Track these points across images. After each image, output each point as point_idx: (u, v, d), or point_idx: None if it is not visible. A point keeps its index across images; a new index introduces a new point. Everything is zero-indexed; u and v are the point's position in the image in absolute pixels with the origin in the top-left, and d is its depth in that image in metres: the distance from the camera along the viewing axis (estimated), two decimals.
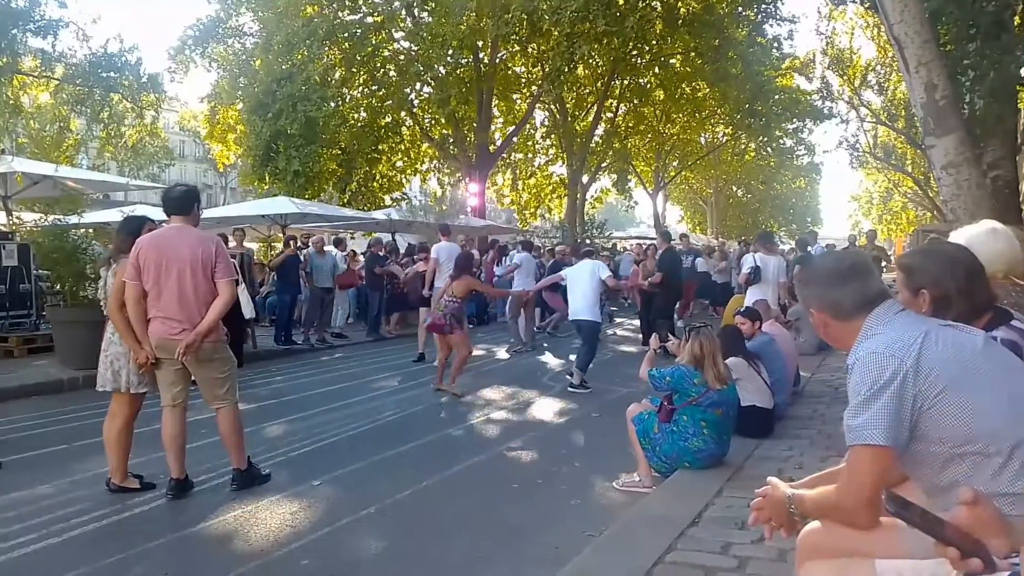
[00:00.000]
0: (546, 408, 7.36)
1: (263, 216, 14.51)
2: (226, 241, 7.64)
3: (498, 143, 23.74)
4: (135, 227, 4.64)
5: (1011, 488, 1.64)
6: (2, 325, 9.29)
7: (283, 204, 14.38)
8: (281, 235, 15.08)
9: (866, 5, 12.44)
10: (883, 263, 13.16)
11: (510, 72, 23.45)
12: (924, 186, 28.10)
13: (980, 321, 2.16)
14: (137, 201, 16.77)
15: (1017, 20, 8.47)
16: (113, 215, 13.79)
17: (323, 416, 6.74)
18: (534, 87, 23.17)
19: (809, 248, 12.38)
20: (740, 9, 20.36)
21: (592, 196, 30.03)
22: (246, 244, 11.65)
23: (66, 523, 4.04)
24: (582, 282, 8.21)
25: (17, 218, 12.68)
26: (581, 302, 8.19)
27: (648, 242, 24.41)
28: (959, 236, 3.61)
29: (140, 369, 4.44)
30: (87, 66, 11.35)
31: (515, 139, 24.74)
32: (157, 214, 6.60)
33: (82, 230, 10.25)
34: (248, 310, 6.77)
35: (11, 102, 13.89)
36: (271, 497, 4.50)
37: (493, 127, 23.79)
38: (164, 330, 4.33)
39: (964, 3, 7.90)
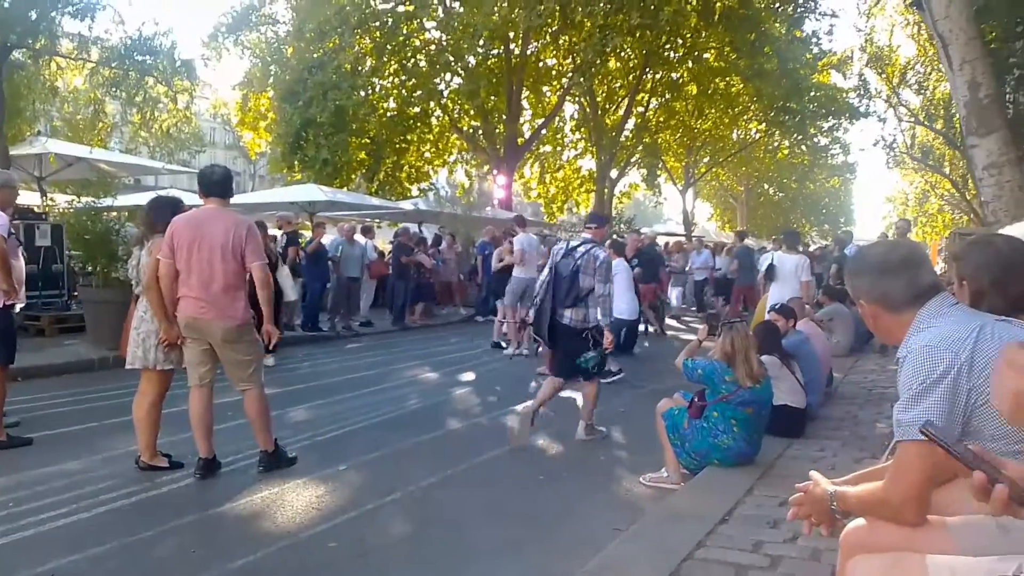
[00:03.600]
0: (571, 401, 7.30)
1: (291, 203, 14.59)
2: (264, 228, 7.71)
3: (527, 135, 23.65)
4: (170, 206, 4.67)
5: None
6: (34, 304, 9.44)
7: (311, 192, 14.45)
8: (309, 223, 15.19)
9: (908, 2, 12.14)
10: None
11: (540, 64, 23.33)
12: (962, 188, 27.49)
13: None
14: (168, 186, 16.99)
15: None
16: (145, 199, 13.98)
17: (349, 402, 6.76)
18: (564, 79, 23.02)
19: (845, 248, 12.16)
20: (777, 4, 20.04)
21: (620, 191, 29.82)
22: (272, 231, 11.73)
23: (95, 499, 4.08)
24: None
25: (50, 199, 12.92)
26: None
27: (676, 238, 24.22)
28: (1010, 232, 3.49)
29: (167, 347, 4.47)
30: (122, 49, 11.45)
31: (544, 132, 24.62)
32: (188, 199, 6.70)
33: (114, 212, 10.40)
34: (292, 293, 6.79)
35: (48, 84, 14.11)
36: (298, 480, 4.51)
37: (522, 119, 23.70)
38: (192, 310, 4.36)
39: (1012, 1, 7.68)
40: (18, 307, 5.31)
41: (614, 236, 11.98)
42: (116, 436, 5.22)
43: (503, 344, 10.39)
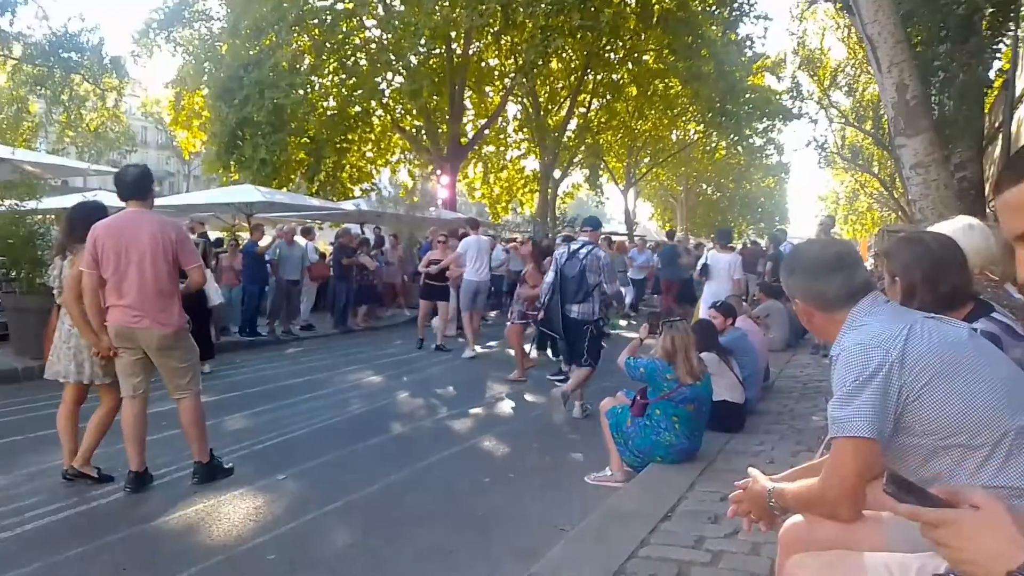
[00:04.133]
0: (517, 402, 7.31)
1: (228, 204, 14.20)
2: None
3: (470, 135, 23.58)
4: (90, 214, 4.45)
5: (994, 481, 1.62)
6: None
7: (249, 192, 14.06)
8: (246, 224, 14.78)
9: (838, 6, 12.57)
10: None
11: (483, 64, 23.27)
12: (890, 187, 28.59)
13: (959, 312, 2.15)
14: (97, 187, 16.30)
15: (985, 24, 8.61)
16: (72, 201, 13.38)
17: (288, 409, 6.60)
18: (507, 80, 23.03)
19: (780, 245, 12.52)
20: (714, 7, 20.46)
21: (564, 191, 30.01)
22: (211, 234, 11.40)
23: (20, 516, 3.88)
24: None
25: None
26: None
27: (619, 238, 24.52)
28: (938, 230, 3.61)
29: (102, 360, 4.29)
30: (47, 46, 10.90)
31: (487, 132, 24.57)
32: (118, 201, 6.37)
33: (40, 216, 9.91)
34: (216, 297, 6.61)
35: None
36: (234, 491, 4.37)
37: (465, 119, 23.60)
38: (124, 319, 4.18)
39: (935, 5, 8.00)
40: None
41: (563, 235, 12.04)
42: (42, 449, 4.98)
43: (446, 346, 10.35)
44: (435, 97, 20.88)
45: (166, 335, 4.22)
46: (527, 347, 8.45)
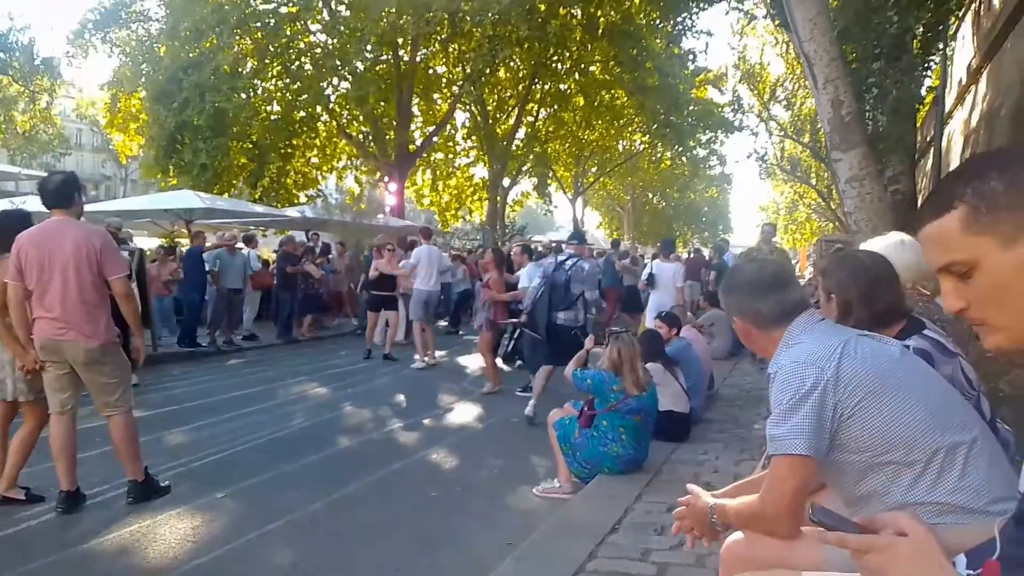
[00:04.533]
0: (466, 413, 7.26)
1: (166, 211, 13.78)
2: (117, 238, 7.19)
3: (418, 142, 23.45)
4: (14, 223, 4.26)
5: (928, 497, 1.66)
6: None
7: (188, 199, 13.67)
8: (185, 231, 14.35)
9: (776, 23, 12.93)
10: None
11: (431, 71, 23.19)
12: (827, 198, 29.55)
13: (892, 329, 2.21)
14: (29, 192, 15.63)
15: (917, 43, 8.97)
16: (2, 206, 12.82)
17: (229, 423, 6.41)
18: (455, 87, 23.00)
19: (724, 255, 12.82)
20: (658, 20, 20.85)
21: (513, 199, 30.10)
22: (149, 240, 11.06)
23: None
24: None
25: None
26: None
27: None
28: (871, 246, 3.72)
29: (27, 375, 4.10)
30: None
31: (435, 139, 24.48)
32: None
33: None
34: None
35: None
36: (171, 511, 4.22)
37: (413, 126, 23.47)
38: (50, 331, 4.01)
39: (869, 24, 8.29)
40: None
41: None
42: None
43: (394, 355, 10.23)
44: (382, 103, 20.72)
45: (92, 348, 4.05)
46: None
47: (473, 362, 10.52)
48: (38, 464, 4.47)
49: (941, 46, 9.67)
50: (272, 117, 20.77)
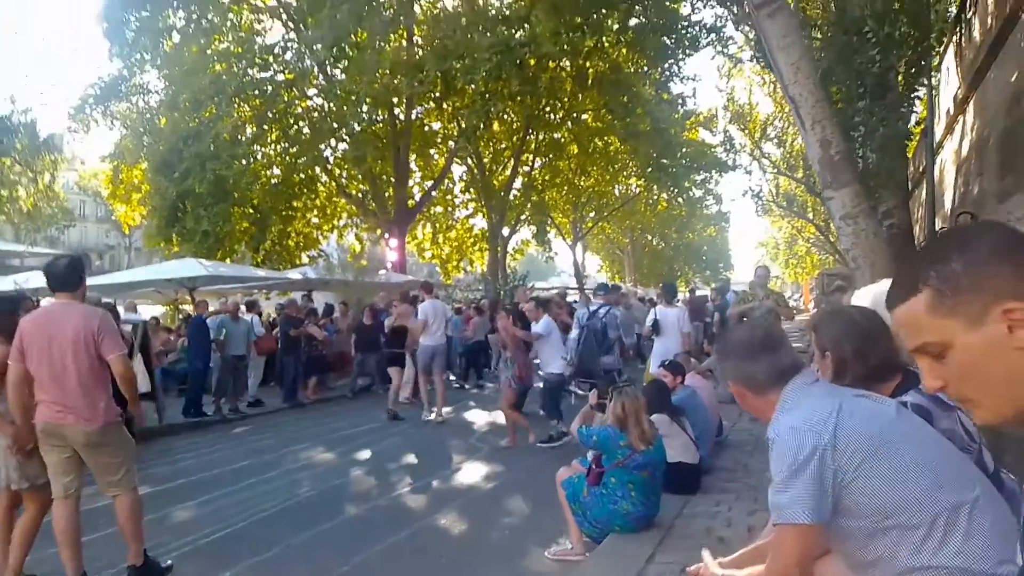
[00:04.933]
0: (474, 472, 7.18)
1: (169, 280, 13.89)
2: (116, 316, 7.21)
3: (417, 198, 23.72)
4: (10, 307, 4.30)
5: (934, 561, 1.64)
6: None
7: (191, 267, 13.80)
8: (189, 298, 14.43)
9: (762, 64, 13.19)
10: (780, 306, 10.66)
11: (426, 128, 23.60)
12: (825, 231, 29.67)
13: (888, 384, 2.21)
14: (35, 267, 15.76)
15: (900, 79, 9.13)
16: (7, 284, 12.93)
17: (236, 496, 6.33)
18: (451, 142, 23.37)
19: (725, 295, 12.81)
20: (646, 68, 21.26)
21: (513, 248, 30.29)
22: (154, 309, 11.14)
23: None
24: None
25: None
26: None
27: (571, 291, 24.75)
28: (864, 295, 3.72)
29: (21, 458, 4.06)
30: None
31: (434, 193, 24.78)
32: None
33: None
34: (143, 382, 6.38)
35: None
36: None
37: (411, 182, 23.77)
38: (50, 414, 4.01)
39: (852, 65, 8.46)
40: None
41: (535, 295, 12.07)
42: None
43: (401, 415, 10.17)
44: (379, 162, 21.02)
45: (92, 431, 4.04)
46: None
47: (480, 417, 10.45)
48: (43, 550, 4.41)
49: (925, 81, 9.83)
50: (272, 181, 21.06)
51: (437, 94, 19.36)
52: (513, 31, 17.89)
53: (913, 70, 9.49)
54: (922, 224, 12.81)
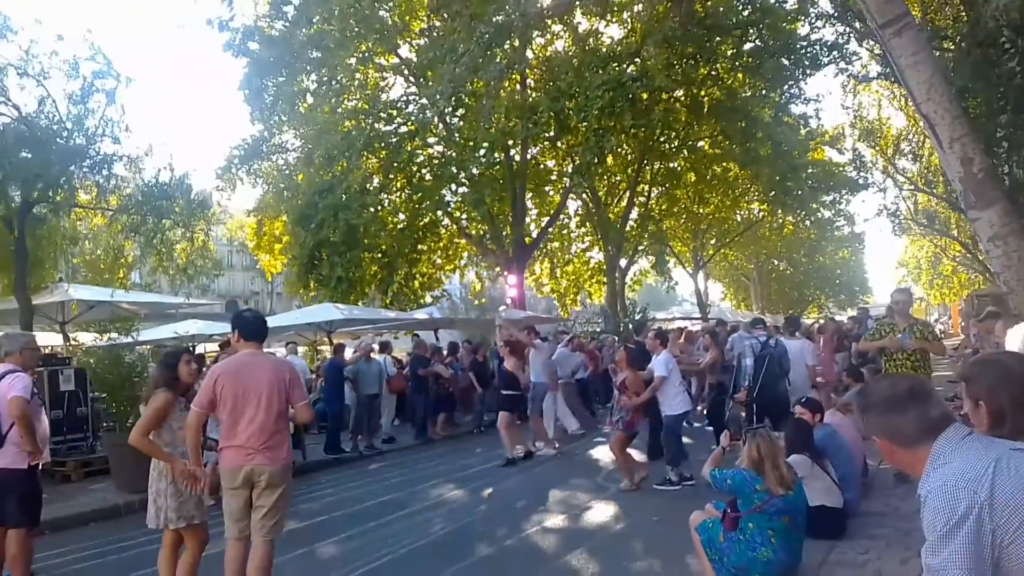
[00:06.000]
0: (602, 512, 7.13)
1: (310, 324, 14.82)
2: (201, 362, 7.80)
3: (534, 234, 24.10)
4: (173, 361, 4.71)
5: None
6: (59, 449, 9.47)
7: (328, 311, 14.71)
8: (327, 340, 15.32)
9: (892, 79, 12.56)
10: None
11: (541, 167, 24.03)
12: (972, 249, 27.44)
13: None
14: (190, 315, 17.26)
15: None
16: (166, 332, 14.23)
17: (374, 533, 6.61)
18: (566, 179, 23.64)
19: (865, 322, 12.11)
20: (764, 91, 20.71)
21: (631, 278, 30.01)
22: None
23: None
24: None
25: (74, 339, 13.13)
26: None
27: (691, 322, 24.15)
28: (1016, 336, 3.45)
29: (190, 490, 4.40)
30: (140, 196, 11.98)
31: (550, 229, 25.09)
32: (208, 327, 6.64)
33: (137, 349, 10.56)
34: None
35: (68, 234, 14.72)
36: None
37: (528, 219, 24.19)
38: (239, 458, 4.30)
39: (991, 79, 7.92)
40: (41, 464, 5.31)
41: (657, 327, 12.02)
42: None
43: (517, 455, 10.11)
44: (497, 202, 21.58)
45: (275, 471, 4.32)
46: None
47: (605, 455, 10.34)
48: None
49: None
50: (399, 227, 22.08)
51: (551, 133, 19.71)
52: (624, 66, 18.01)
53: None
54: None
